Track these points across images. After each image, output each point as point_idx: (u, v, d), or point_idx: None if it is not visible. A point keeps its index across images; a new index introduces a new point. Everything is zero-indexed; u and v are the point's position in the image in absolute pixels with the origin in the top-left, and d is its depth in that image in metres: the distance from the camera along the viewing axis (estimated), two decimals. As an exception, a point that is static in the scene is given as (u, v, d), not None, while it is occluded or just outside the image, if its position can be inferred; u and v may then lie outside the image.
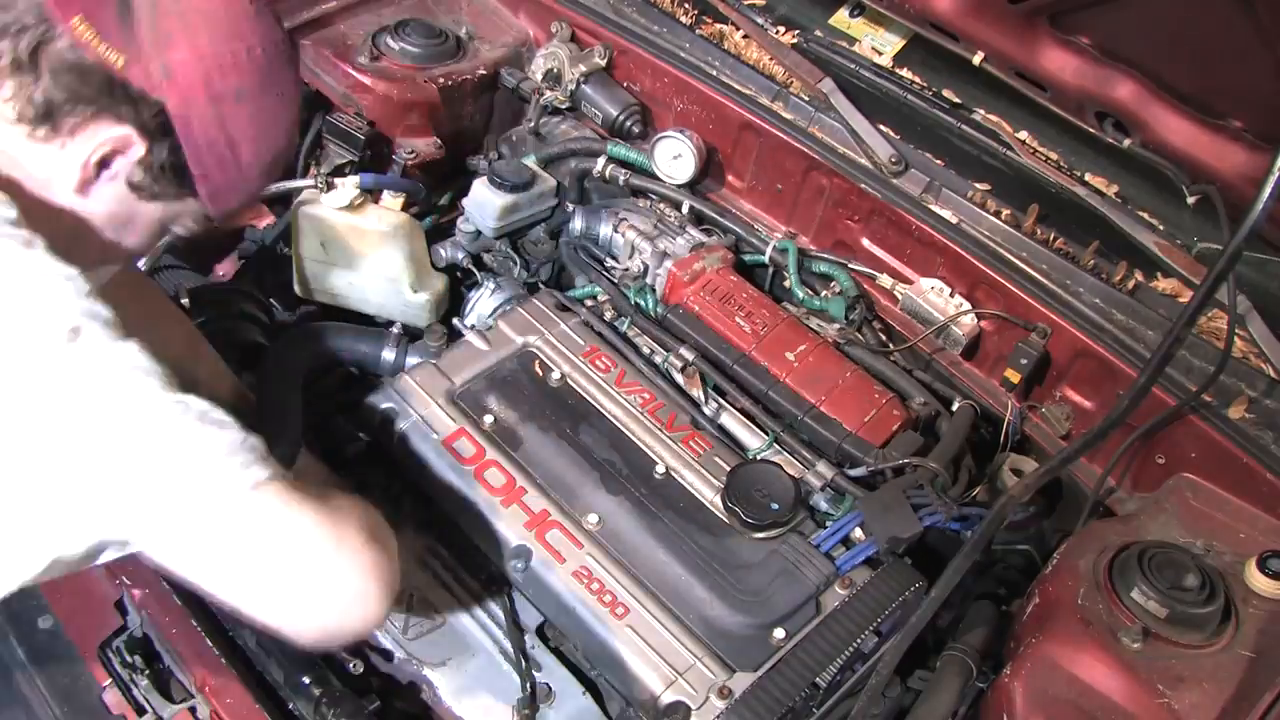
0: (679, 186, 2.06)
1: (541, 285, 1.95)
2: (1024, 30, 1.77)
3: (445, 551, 1.52)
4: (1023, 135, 1.92)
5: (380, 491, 1.60)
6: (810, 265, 1.98)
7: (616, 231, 1.96)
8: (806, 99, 2.03)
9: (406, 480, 1.55)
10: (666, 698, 1.32)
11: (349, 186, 1.83)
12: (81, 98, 1.12)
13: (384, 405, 1.58)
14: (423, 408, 1.57)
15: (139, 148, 1.16)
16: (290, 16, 2.11)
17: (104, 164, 1.17)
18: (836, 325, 1.86)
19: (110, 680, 1.37)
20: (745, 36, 2.12)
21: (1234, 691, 1.28)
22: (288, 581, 1.06)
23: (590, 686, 1.41)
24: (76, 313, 1.02)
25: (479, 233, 1.99)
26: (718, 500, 1.52)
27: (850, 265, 1.97)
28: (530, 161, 2.06)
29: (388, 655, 1.42)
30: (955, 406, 1.80)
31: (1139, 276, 1.79)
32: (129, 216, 1.22)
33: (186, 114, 1.15)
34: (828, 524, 1.53)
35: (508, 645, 1.42)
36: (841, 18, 2.17)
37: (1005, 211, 1.88)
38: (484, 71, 2.16)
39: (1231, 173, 1.66)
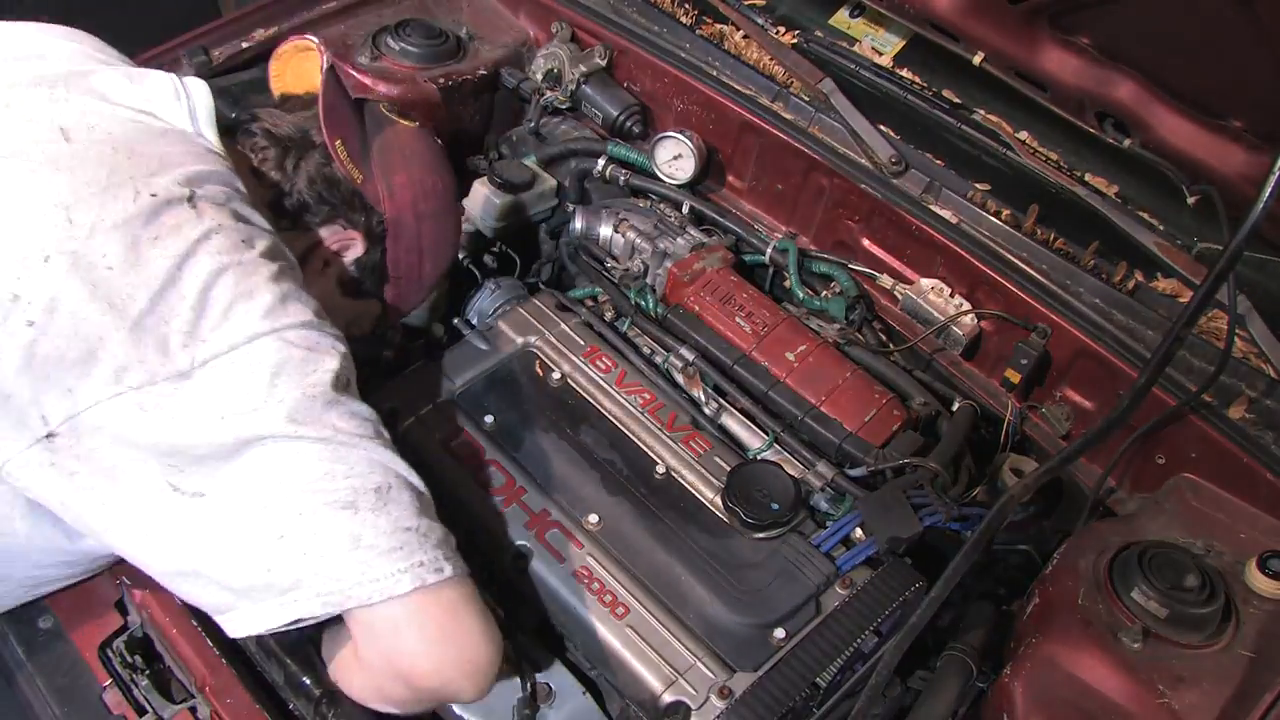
0: (679, 186, 2.06)
1: (541, 285, 1.95)
2: (1024, 30, 1.77)
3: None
4: (1023, 135, 1.92)
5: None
6: (810, 265, 1.98)
7: (616, 231, 1.96)
8: (806, 99, 2.03)
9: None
10: (666, 697, 1.32)
11: (349, 187, 1.83)
12: (326, 201, 1.42)
13: (384, 405, 1.58)
14: (423, 407, 1.58)
15: (359, 246, 1.47)
16: (290, 16, 2.11)
17: (327, 261, 1.46)
18: (836, 325, 1.86)
19: (110, 680, 1.37)
20: (745, 36, 2.12)
21: (1234, 691, 1.28)
22: (430, 666, 1.14)
23: (590, 686, 1.41)
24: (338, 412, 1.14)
25: (479, 233, 2.00)
26: (718, 500, 1.52)
27: (850, 265, 1.97)
28: (530, 161, 2.06)
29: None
30: (955, 406, 1.80)
31: (1139, 276, 1.79)
32: (326, 311, 1.27)
33: (398, 226, 1.47)
34: (828, 524, 1.53)
35: (508, 645, 1.41)
36: (841, 18, 2.17)
37: (1005, 211, 1.88)
38: (484, 71, 2.16)
39: (1231, 173, 1.66)
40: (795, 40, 2.11)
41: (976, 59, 1.89)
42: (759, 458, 1.63)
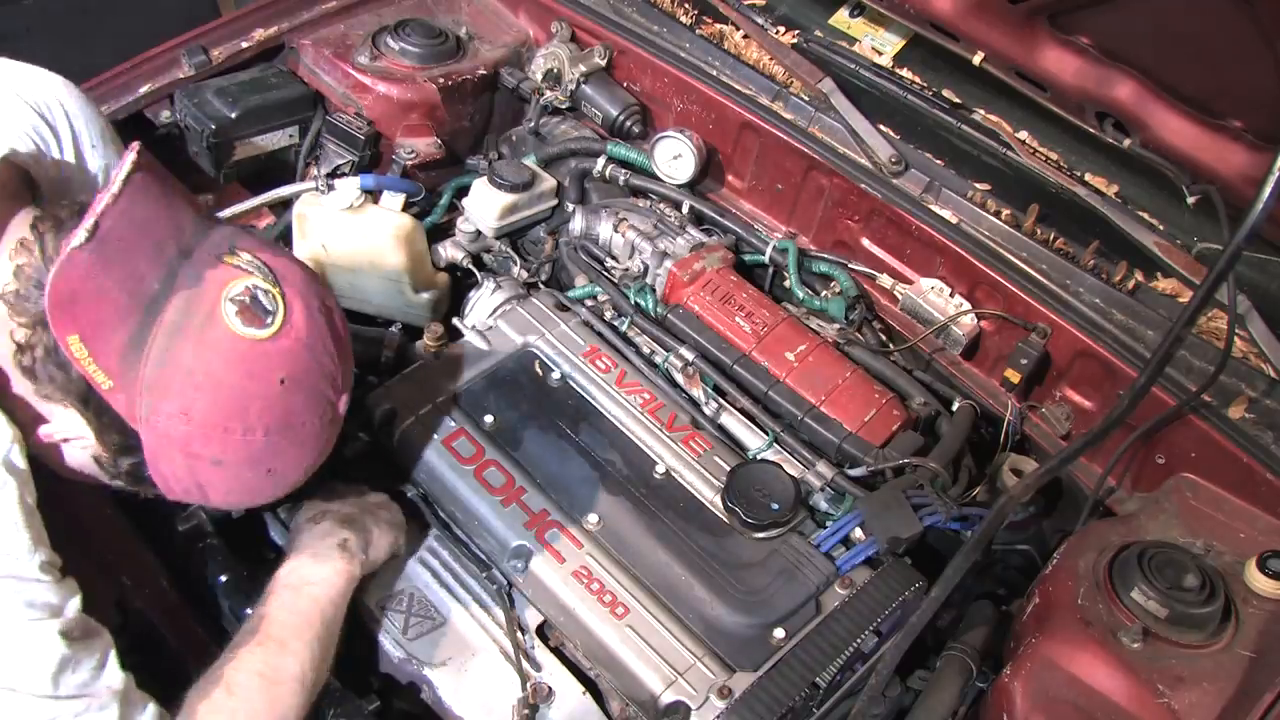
0: (679, 186, 2.05)
1: (541, 285, 1.95)
2: (1024, 30, 1.77)
3: (445, 551, 1.52)
4: (1023, 135, 1.92)
5: (380, 491, 1.60)
6: (810, 265, 1.98)
7: (616, 231, 1.96)
8: (806, 99, 2.03)
9: (406, 480, 1.55)
10: (666, 697, 1.32)
11: (351, 188, 1.83)
12: (58, 385, 1.11)
13: (384, 405, 1.58)
14: (423, 407, 1.58)
15: (94, 446, 1.16)
16: (290, 16, 2.11)
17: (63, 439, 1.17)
18: (836, 325, 1.86)
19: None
20: (745, 36, 2.12)
21: (1234, 691, 1.28)
22: None
23: (590, 686, 1.41)
24: None
25: (479, 233, 2.00)
26: (718, 500, 1.52)
27: (850, 265, 1.97)
28: (530, 161, 2.06)
29: (388, 655, 1.42)
30: (955, 406, 1.80)
31: (1139, 276, 1.79)
32: (86, 467, 1.22)
33: (155, 456, 1.14)
34: (828, 524, 1.53)
35: (508, 645, 1.42)
36: (841, 18, 2.17)
37: (1005, 211, 1.88)
38: (484, 71, 2.16)
39: (1231, 173, 1.66)
40: (795, 40, 2.11)
41: (976, 59, 1.89)
42: (759, 458, 1.63)
